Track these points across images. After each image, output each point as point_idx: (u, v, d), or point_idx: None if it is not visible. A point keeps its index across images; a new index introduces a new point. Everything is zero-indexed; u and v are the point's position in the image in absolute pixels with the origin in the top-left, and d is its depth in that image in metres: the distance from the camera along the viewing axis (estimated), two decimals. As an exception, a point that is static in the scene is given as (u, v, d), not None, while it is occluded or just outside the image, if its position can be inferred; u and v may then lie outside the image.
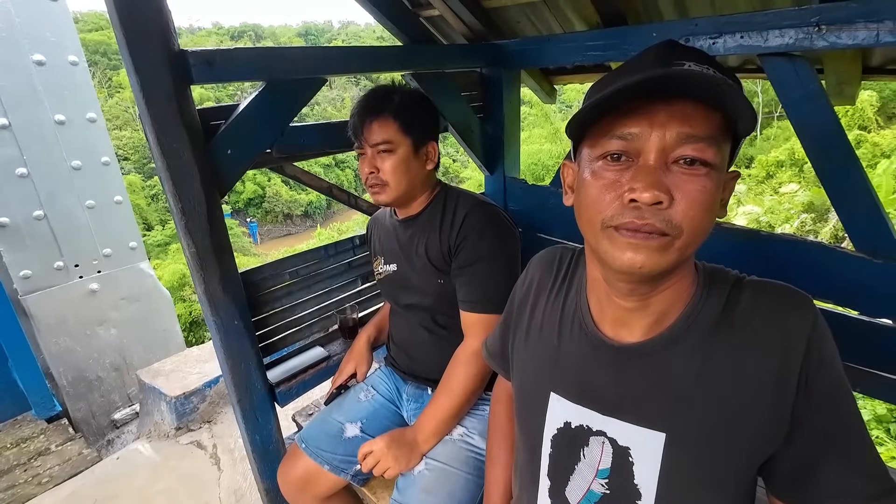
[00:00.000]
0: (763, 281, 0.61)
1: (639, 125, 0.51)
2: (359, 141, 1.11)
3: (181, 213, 1.03)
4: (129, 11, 0.88)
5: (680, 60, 0.51)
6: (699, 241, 0.53)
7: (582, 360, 0.66)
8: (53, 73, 2.26)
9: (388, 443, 1.06)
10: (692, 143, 0.49)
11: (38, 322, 2.33)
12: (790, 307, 0.57)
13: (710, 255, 0.70)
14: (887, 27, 0.89)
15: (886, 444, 4.33)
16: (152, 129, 0.95)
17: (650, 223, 0.50)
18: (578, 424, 0.66)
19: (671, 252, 0.52)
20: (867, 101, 16.62)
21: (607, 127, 0.53)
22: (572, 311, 0.69)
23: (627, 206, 0.51)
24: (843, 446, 0.56)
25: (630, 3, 1.37)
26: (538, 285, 0.77)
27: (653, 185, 0.49)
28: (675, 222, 0.50)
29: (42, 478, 1.99)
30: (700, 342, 0.58)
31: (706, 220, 0.52)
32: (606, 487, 0.64)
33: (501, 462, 0.90)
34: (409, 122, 1.09)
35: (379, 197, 1.13)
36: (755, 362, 0.56)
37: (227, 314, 1.15)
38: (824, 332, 0.56)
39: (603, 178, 0.54)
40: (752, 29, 1.06)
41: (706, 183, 0.50)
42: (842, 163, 1.04)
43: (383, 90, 1.11)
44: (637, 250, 0.52)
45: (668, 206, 0.50)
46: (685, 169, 0.50)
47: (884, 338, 1.05)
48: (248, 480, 1.92)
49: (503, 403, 0.93)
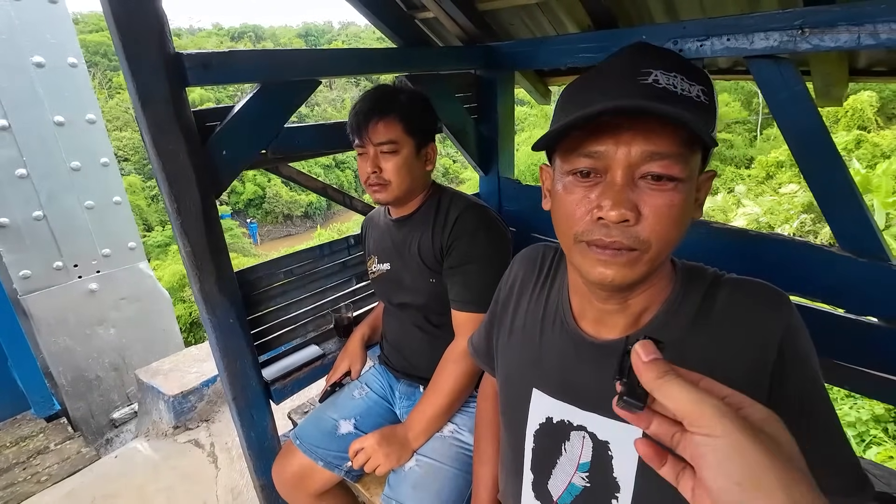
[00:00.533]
0: (741, 279, 0.62)
1: (605, 144, 0.51)
2: (361, 140, 1.10)
3: (177, 213, 1.05)
4: (126, 15, 0.90)
5: (647, 69, 0.50)
6: (669, 250, 0.54)
7: (563, 357, 0.68)
8: (53, 75, 2.27)
9: (378, 440, 1.07)
10: (657, 161, 0.50)
11: (37, 322, 2.35)
12: (766, 305, 0.58)
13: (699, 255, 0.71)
14: (868, 30, 0.90)
15: (885, 443, 4.33)
16: (149, 131, 0.97)
17: (618, 240, 0.51)
18: (560, 420, 0.68)
19: (640, 265, 0.53)
20: (867, 101, 16.64)
21: (576, 143, 0.53)
22: (554, 309, 0.71)
23: (596, 222, 0.52)
24: (813, 442, 0.57)
25: (621, 7, 1.39)
26: (521, 283, 0.79)
27: (619, 203, 0.50)
28: (643, 237, 0.51)
29: (41, 476, 2.00)
30: (676, 339, 0.60)
31: (674, 232, 0.52)
32: (587, 481, 0.65)
33: (489, 458, 0.91)
34: (414, 124, 1.10)
35: (379, 196, 1.14)
36: (729, 359, 0.57)
37: (223, 313, 1.17)
38: (799, 330, 0.57)
39: (574, 194, 0.54)
40: (738, 32, 1.08)
41: (673, 197, 0.51)
42: (826, 163, 1.05)
43: (388, 90, 1.12)
44: (607, 266, 0.53)
45: (636, 223, 0.51)
46: (652, 184, 0.51)
47: (870, 336, 1.07)
48: (245, 478, 1.94)
49: (489, 400, 0.94)
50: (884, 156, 12.43)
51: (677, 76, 0.50)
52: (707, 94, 0.51)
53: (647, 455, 0.38)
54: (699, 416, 0.33)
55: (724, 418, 0.32)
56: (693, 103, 0.50)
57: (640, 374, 0.37)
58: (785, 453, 0.32)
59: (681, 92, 0.49)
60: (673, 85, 0.49)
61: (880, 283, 1.03)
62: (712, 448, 0.32)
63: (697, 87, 0.51)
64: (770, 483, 0.30)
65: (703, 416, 0.33)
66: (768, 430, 0.33)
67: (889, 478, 1.09)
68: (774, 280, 0.61)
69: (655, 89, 0.49)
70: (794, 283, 1.13)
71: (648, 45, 0.54)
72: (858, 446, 4.38)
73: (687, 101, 0.49)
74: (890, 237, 6.89)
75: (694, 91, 0.50)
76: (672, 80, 0.50)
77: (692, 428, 0.33)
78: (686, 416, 0.34)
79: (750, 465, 0.30)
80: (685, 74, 0.51)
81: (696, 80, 0.51)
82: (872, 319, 1.07)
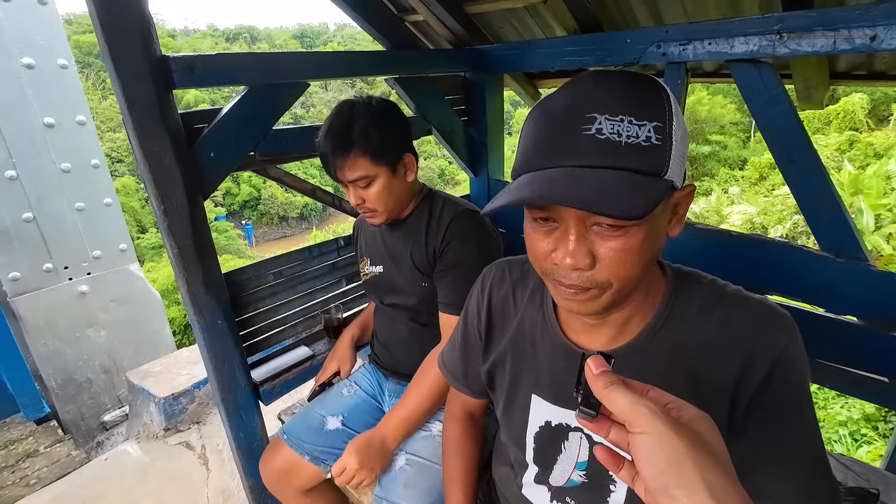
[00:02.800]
0: (745, 296, 0.60)
1: (553, 207, 0.51)
2: (335, 179, 1.08)
3: (164, 214, 1.05)
4: (111, 17, 0.90)
5: (592, 114, 0.48)
6: (636, 283, 0.54)
7: (556, 366, 0.70)
8: (42, 76, 2.26)
9: (357, 458, 1.04)
10: (607, 218, 0.49)
11: (26, 324, 2.33)
12: (764, 329, 0.57)
13: (681, 256, 0.72)
14: (843, 35, 0.92)
15: (875, 442, 4.38)
16: (135, 132, 0.97)
17: (575, 283, 0.53)
18: (558, 423, 0.71)
19: (605, 297, 0.54)
20: (858, 103, 16.81)
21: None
22: (542, 321, 0.72)
23: (555, 266, 0.53)
24: (788, 461, 0.58)
25: (606, 11, 1.41)
26: (500, 305, 0.79)
27: (571, 253, 0.51)
28: (601, 279, 0.52)
29: (30, 479, 1.99)
30: (664, 352, 0.61)
31: (636, 269, 0.52)
32: (584, 477, 0.70)
33: (460, 482, 0.90)
34: (379, 150, 1.04)
35: (373, 221, 1.15)
36: (714, 378, 0.58)
37: (211, 314, 1.17)
38: (795, 357, 0.56)
39: (536, 235, 0.55)
40: (719, 36, 1.10)
41: (629, 241, 0.50)
42: (805, 165, 1.07)
43: (342, 122, 1.04)
44: (571, 302, 0.55)
45: (591, 268, 0.51)
46: (606, 232, 0.50)
47: (850, 335, 1.09)
48: (235, 480, 1.94)
49: (456, 421, 0.94)
50: (877, 156, 12.54)
51: (624, 119, 0.47)
52: (661, 130, 0.48)
53: (605, 460, 0.43)
54: (635, 417, 0.37)
55: (654, 417, 0.37)
56: (639, 149, 0.47)
57: (591, 385, 0.41)
58: (708, 446, 0.37)
59: (626, 141, 0.47)
60: (618, 133, 0.47)
61: (859, 283, 1.05)
62: (643, 443, 0.37)
63: (648, 125, 0.47)
64: (688, 468, 0.35)
65: (637, 417, 0.37)
66: (696, 426, 0.38)
67: (868, 474, 1.10)
68: (756, 279, 0.62)
69: (597, 142, 0.47)
70: (775, 283, 1.14)
71: (598, 78, 0.51)
72: (850, 445, 4.43)
73: (632, 151, 0.47)
74: (881, 238, 6.94)
75: (643, 133, 0.47)
76: (617, 128, 0.47)
77: (631, 428, 0.38)
78: (626, 419, 0.38)
79: (671, 454, 0.35)
80: (634, 114, 0.47)
81: (648, 117, 0.48)
82: (852, 318, 1.09)
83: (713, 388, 0.58)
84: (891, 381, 1.06)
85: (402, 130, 1.11)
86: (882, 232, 7.09)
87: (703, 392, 0.58)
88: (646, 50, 1.22)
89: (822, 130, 16.61)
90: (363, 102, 1.07)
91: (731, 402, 0.57)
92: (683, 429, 0.36)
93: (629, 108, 0.48)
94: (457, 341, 0.88)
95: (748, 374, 0.56)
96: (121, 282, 2.66)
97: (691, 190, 0.56)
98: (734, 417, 0.58)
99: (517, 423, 0.75)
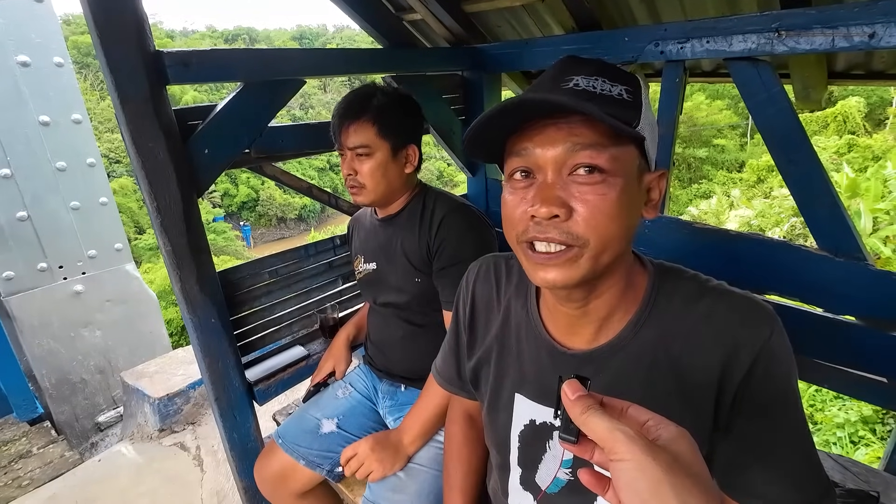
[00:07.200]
0: (728, 291, 0.60)
1: (531, 140, 0.53)
2: (338, 143, 1.11)
3: (157, 211, 1.04)
4: (104, 13, 0.90)
5: (570, 76, 0.54)
6: (613, 248, 0.54)
7: (540, 364, 0.69)
8: (38, 75, 2.25)
9: (371, 445, 1.05)
10: (581, 151, 0.51)
11: (20, 324, 2.31)
12: (746, 321, 0.57)
13: (681, 256, 0.72)
14: (841, 33, 0.92)
15: (873, 444, 4.38)
16: (127, 128, 0.96)
17: (551, 236, 0.52)
18: (542, 421, 0.70)
19: (582, 263, 0.53)
20: (855, 107, 16.87)
21: (510, 146, 0.56)
22: (526, 320, 0.72)
23: (531, 221, 0.54)
24: (776, 457, 0.57)
25: (604, 9, 1.40)
26: (484, 301, 0.78)
27: (547, 200, 0.51)
28: (578, 233, 0.52)
29: (22, 480, 1.97)
30: (648, 347, 0.60)
31: (612, 227, 0.52)
32: (570, 475, 0.68)
33: (459, 487, 0.89)
34: (388, 126, 1.07)
35: (357, 198, 1.15)
36: (699, 369, 0.57)
37: (204, 313, 1.16)
38: (779, 350, 0.56)
39: (514, 195, 0.56)
40: (717, 34, 1.09)
41: (604, 190, 0.51)
42: (804, 164, 1.07)
43: (364, 92, 1.10)
44: (547, 269, 0.54)
45: (568, 218, 0.52)
46: (582, 178, 0.52)
47: (847, 334, 1.08)
48: (230, 481, 1.92)
49: (458, 424, 0.93)
50: (875, 159, 12.57)
51: (598, 79, 0.54)
52: (631, 93, 0.54)
53: (590, 483, 0.42)
54: (612, 444, 0.37)
55: (631, 444, 0.36)
56: (611, 100, 0.52)
57: (568, 410, 0.41)
58: (687, 467, 0.36)
59: (600, 91, 0.53)
60: (592, 86, 0.53)
61: (857, 283, 1.05)
62: (623, 470, 0.36)
63: (620, 86, 0.54)
64: (667, 494, 0.34)
65: (615, 443, 0.37)
66: (674, 447, 0.37)
67: (867, 475, 1.10)
68: (754, 279, 0.61)
69: (575, 91, 0.53)
70: (772, 283, 1.14)
71: (576, 57, 0.58)
72: (848, 447, 4.43)
73: (604, 99, 0.52)
74: (878, 240, 6.95)
75: (616, 90, 0.53)
76: (592, 83, 0.53)
77: (609, 455, 0.37)
78: (604, 445, 0.38)
79: (650, 481, 0.35)
80: (607, 77, 0.54)
81: (620, 81, 0.54)
82: (850, 318, 1.08)
83: (698, 383, 0.57)
84: (890, 381, 1.05)
85: (414, 121, 1.15)
86: (879, 234, 7.11)
87: (688, 387, 0.58)
88: (644, 48, 1.22)
89: (820, 133, 16.66)
90: (387, 85, 1.13)
91: (716, 396, 0.57)
92: (661, 453, 0.36)
93: (602, 72, 0.55)
94: (448, 341, 0.89)
95: (732, 367, 0.56)
96: (116, 281, 2.64)
97: (663, 174, 0.59)
98: (720, 412, 0.57)
99: (502, 423, 0.74)
